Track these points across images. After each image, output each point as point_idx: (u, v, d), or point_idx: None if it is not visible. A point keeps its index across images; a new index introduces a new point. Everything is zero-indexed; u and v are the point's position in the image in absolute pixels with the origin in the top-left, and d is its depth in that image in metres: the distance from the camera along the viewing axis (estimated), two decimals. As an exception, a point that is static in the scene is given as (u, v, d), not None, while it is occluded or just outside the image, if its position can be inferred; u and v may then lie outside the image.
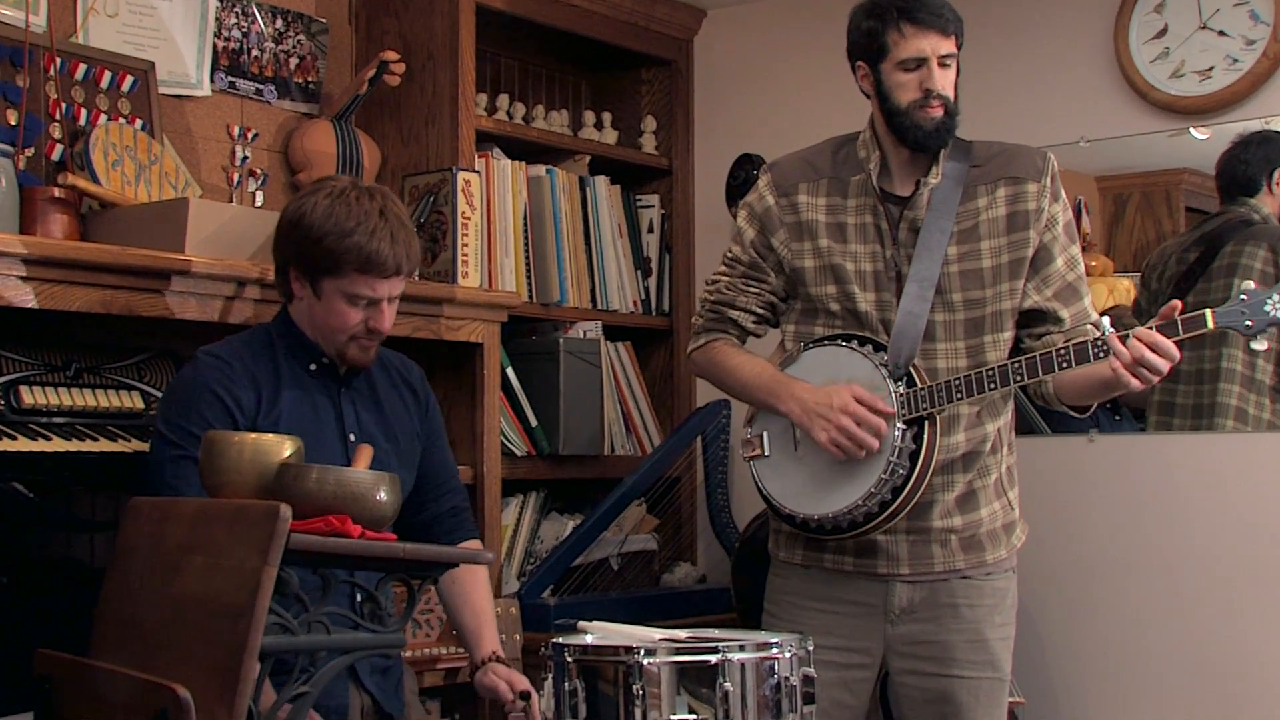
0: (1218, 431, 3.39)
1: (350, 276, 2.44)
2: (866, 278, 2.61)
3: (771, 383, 2.63)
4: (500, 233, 3.63)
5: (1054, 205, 2.62)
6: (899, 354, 2.54)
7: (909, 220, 2.60)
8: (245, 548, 1.95)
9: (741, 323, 2.73)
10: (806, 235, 2.66)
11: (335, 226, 2.42)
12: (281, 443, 2.19)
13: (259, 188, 3.31)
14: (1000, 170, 2.63)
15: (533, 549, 3.71)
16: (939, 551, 2.61)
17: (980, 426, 2.62)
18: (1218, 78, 3.41)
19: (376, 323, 2.49)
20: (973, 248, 2.60)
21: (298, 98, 3.45)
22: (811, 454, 2.58)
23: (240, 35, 3.32)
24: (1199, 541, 3.40)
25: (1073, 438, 3.57)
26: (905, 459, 2.50)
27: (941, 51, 2.55)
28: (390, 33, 3.55)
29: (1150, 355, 2.36)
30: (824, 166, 2.68)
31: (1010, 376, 2.47)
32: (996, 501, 2.66)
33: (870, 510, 2.51)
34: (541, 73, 4.12)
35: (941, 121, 2.56)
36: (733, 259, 2.74)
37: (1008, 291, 2.60)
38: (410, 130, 3.52)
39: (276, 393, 2.49)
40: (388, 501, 2.14)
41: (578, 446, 3.70)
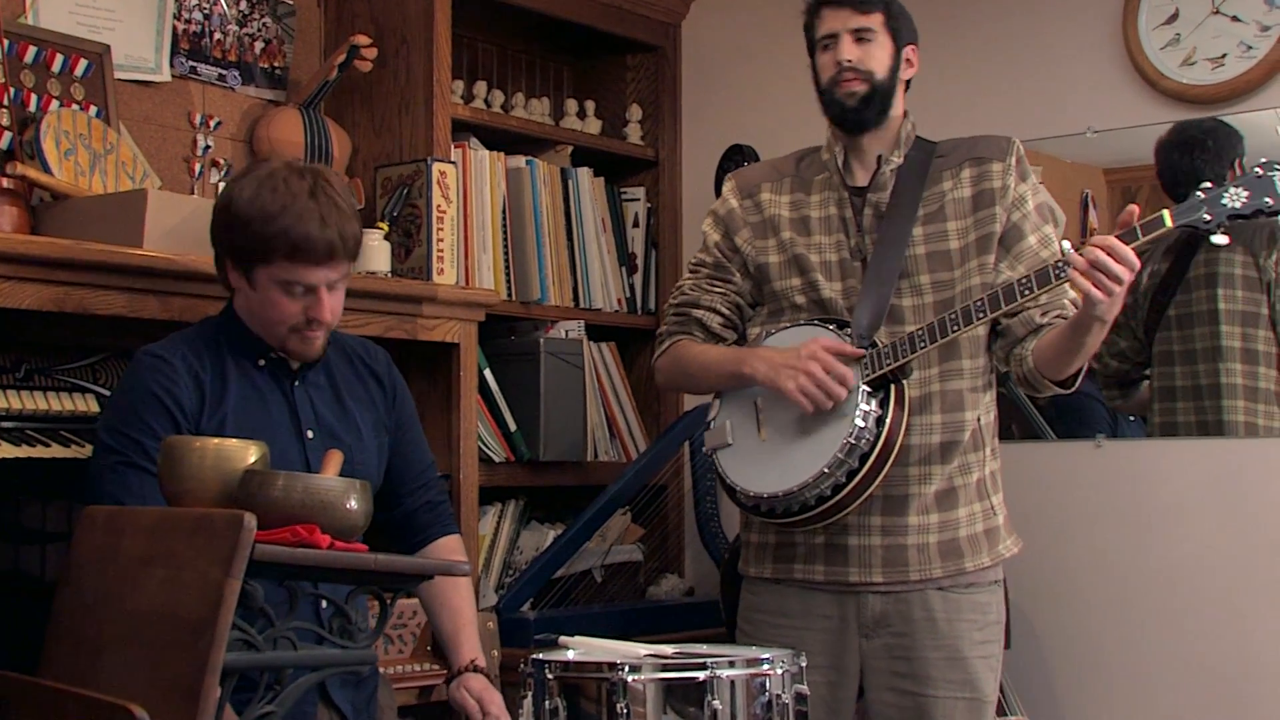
0: (1229, 436, 3.40)
1: (280, 264, 2.41)
2: (831, 267, 2.68)
3: (737, 352, 2.69)
4: (478, 227, 3.62)
5: (1021, 185, 2.68)
6: (861, 325, 2.59)
7: (873, 205, 2.68)
8: (207, 559, 1.94)
9: (707, 323, 2.78)
10: (770, 231, 2.74)
11: (260, 210, 2.39)
12: (246, 448, 2.18)
13: (222, 179, 3.30)
14: (965, 153, 2.71)
15: (512, 560, 3.70)
16: (915, 557, 2.63)
17: (959, 411, 2.65)
18: (1231, 65, 3.42)
19: (315, 312, 2.45)
20: (939, 228, 2.66)
21: (263, 84, 3.44)
22: (777, 433, 2.61)
23: (202, 17, 3.31)
24: (1212, 551, 3.41)
25: (1080, 444, 3.57)
26: (872, 424, 2.53)
27: (853, 25, 2.66)
28: (361, 15, 3.54)
29: (1105, 258, 2.38)
30: (787, 169, 2.80)
31: (973, 313, 2.51)
32: (978, 503, 2.68)
33: (838, 480, 2.53)
34: (521, 59, 4.11)
35: (863, 95, 2.65)
36: (697, 263, 2.83)
37: (976, 268, 2.64)
38: (383, 119, 3.51)
39: (222, 391, 2.47)
40: (358, 510, 2.13)
41: (559, 452, 3.69)
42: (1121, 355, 3.57)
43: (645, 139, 4.16)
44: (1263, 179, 2.36)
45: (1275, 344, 3.38)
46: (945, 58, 3.79)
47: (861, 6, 2.67)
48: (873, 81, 2.66)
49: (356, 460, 2.53)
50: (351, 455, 2.51)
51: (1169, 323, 3.49)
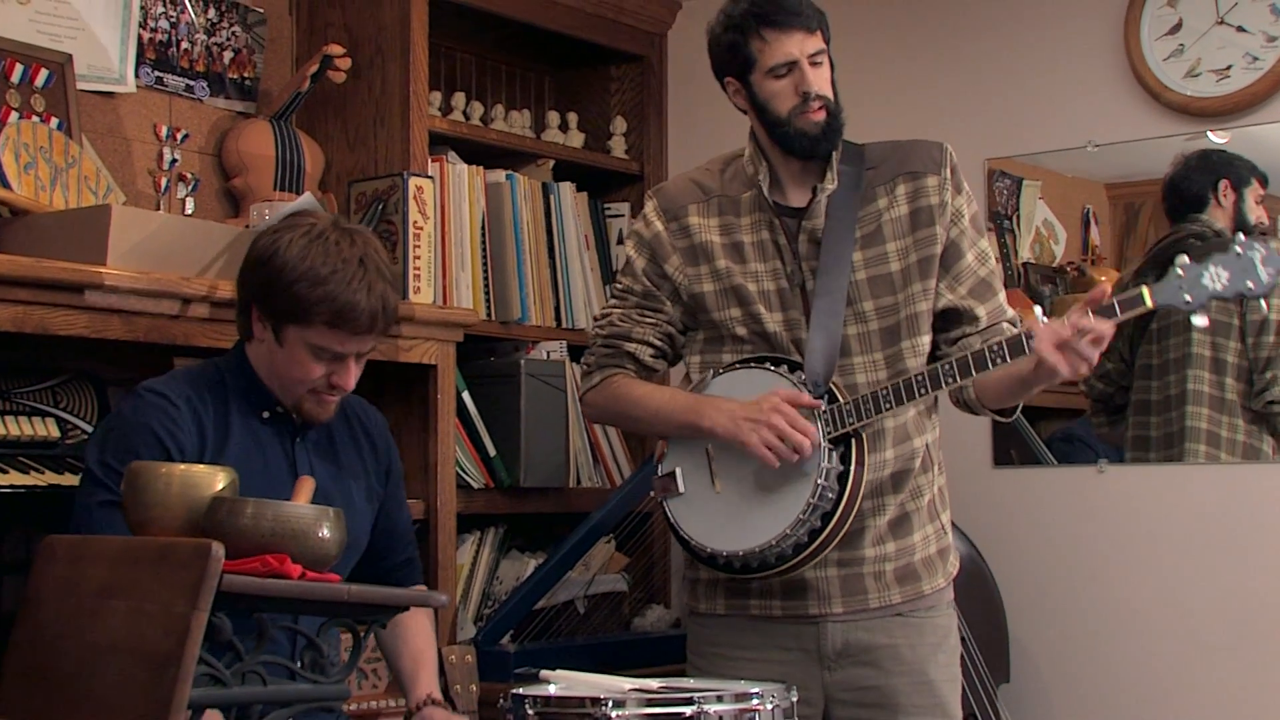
0: (1188, 462, 3.43)
1: (318, 329, 2.42)
2: (770, 297, 2.66)
3: (690, 401, 2.65)
4: (456, 244, 3.62)
5: (957, 198, 2.67)
6: (816, 371, 2.57)
7: (808, 231, 2.65)
8: (172, 591, 1.93)
9: (639, 356, 2.75)
10: (702, 258, 2.70)
11: (309, 271, 2.39)
12: (214, 474, 2.17)
13: (189, 194, 3.29)
14: (897, 167, 2.68)
15: (491, 590, 3.69)
16: (873, 585, 2.63)
17: (908, 441, 2.65)
18: (1236, 77, 3.43)
19: (340, 379, 2.48)
20: (878, 252, 2.64)
21: (232, 95, 3.43)
22: (731, 486, 2.60)
23: (168, 26, 3.31)
24: (1219, 579, 3.41)
25: (1081, 469, 3.58)
26: (834, 481, 2.52)
27: (810, 50, 2.60)
28: (335, 24, 3.54)
29: (1078, 342, 2.37)
30: (712, 186, 2.74)
31: (941, 379, 2.50)
32: (930, 525, 2.69)
33: (800, 540, 2.53)
34: (501, 69, 4.12)
35: (826, 124, 2.60)
36: (624, 290, 2.77)
37: (920, 293, 2.64)
38: (357, 132, 3.50)
39: (224, 439, 2.47)
40: (331, 539, 2.13)
41: (540, 478, 3.68)
42: (1107, 378, 3.60)
43: (630, 152, 4.16)
44: (1242, 259, 2.34)
45: (1243, 355, 3.42)
46: (941, 68, 3.80)
47: (810, 26, 2.59)
48: (830, 107, 2.61)
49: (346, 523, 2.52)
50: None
51: (1151, 336, 3.52)
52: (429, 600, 2.41)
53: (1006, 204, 3.74)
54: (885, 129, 3.73)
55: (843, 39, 2.70)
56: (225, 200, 3.38)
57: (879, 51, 3.86)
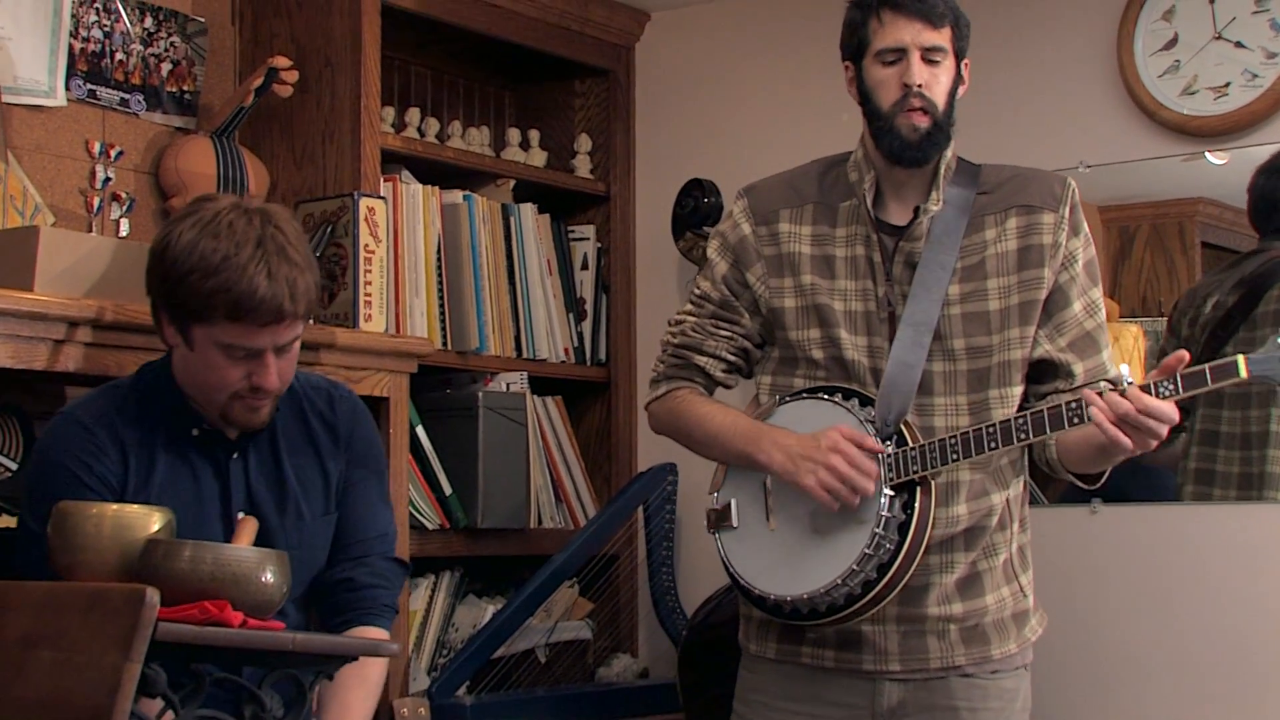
0: (1268, 489, 3.38)
1: (220, 324, 2.33)
2: (856, 319, 2.61)
3: (749, 430, 2.61)
4: (409, 269, 3.61)
5: (1073, 240, 2.61)
6: (888, 409, 2.52)
7: (905, 253, 2.59)
8: (103, 640, 1.92)
9: (709, 370, 2.72)
10: (788, 270, 2.65)
11: (200, 262, 2.30)
12: (149, 515, 2.16)
13: (124, 214, 3.28)
14: (1012, 197, 2.62)
15: (446, 638, 3.67)
16: (935, 644, 2.60)
17: (985, 497, 2.60)
18: (1234, 95, 3.46)
19: (260, 379, 2.38)
20: (978, 287, 2.59)
21: (170, 110, 3.43)
22: (787, 525, 2.57)
23: (102, 35, 3.30)
24: (1223, 626, 3.41)
25: (1073, 509, 3.58)
26: (893, 531, 2.48)
27: (926, 43, 2.55)
28: (281, 35, 3.53)
29: (1140, 418, 2.34)
30: (809, 190, 2.68)
31: (1014, 434, 2.45)
32: (1005, 587, 2.64)
33: (852, 591, 2.50)
34: (458, 83, 4.12)
35: (926, 132, 2.55)
36: (701, 296, 2.73)
37: (1018, 339, 2.58)
38: (304, 149, 3.50)
39: (150, 465, 2.42)
40: (274, 584, 2.11)
41: (499, 518, 3.67)
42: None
43: (595, 172, 4.16)
44: None
45: None
46: (924, 85, 3.82)
47: (936, 19, 2.54)
48: (935, 115, 2.55)
49: (291, 543, 2.45)
50: (286, 539, 2.46)
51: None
52: (379, 649, 2.39)
53: (994, 228, 3.74)
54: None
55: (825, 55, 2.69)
56: (162, 221, 3.36)
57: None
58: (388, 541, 2.64)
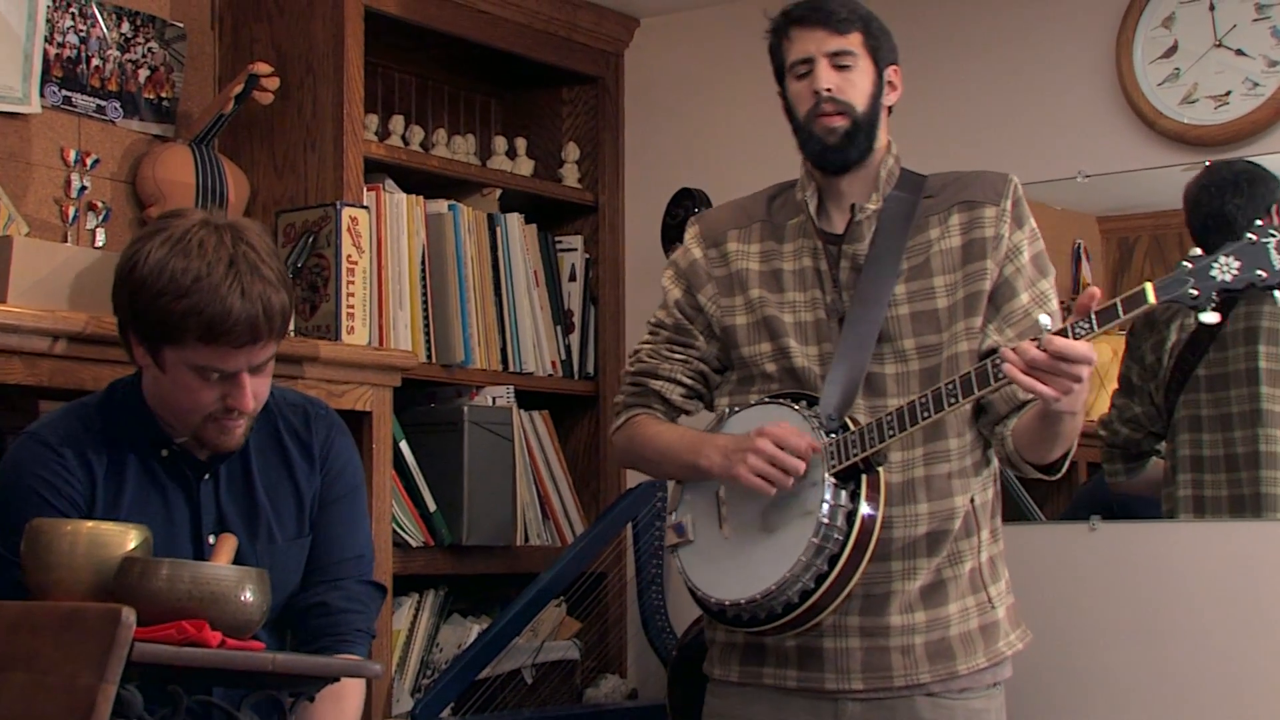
0: (1266, 511, 3.39)
1: (194, 347, 2.30)
2: (806, 329, 2.66)
3: (693, 439, 2.67)
4: (393, 280, 3.61)
5: (1017, 233, 2.66)
6: (830, 405, 2.57)
7: (850, 257, 2.65)
8: (77, 661, 1.91)
9: (667, 395, 2.76)
10: (738, 288, 2.72)
11: (170, 283, 2.27)
12: (125, 533, 2.16)
13: (100, 224, 3.27)
14: (954, 196, 2.68)
15: (430, 659, 3.67)
16: (899, 660, 2.60)
17: (947, 498, 2.62)
18: (1235, 104, 3.47)
19: (235, 400, 2.35)
20: (925, 285, 2.64)
21: (148, 117, 3.42)
22: (739, 530, 2.59)
23: (78, 40, 3.29)
24: (1224, 647, 3.41)
25: (1072, 526, 3.58)
26: (841, 519, 2.50)
27: (831, 49, 2.64)
28: (261, 40, 3.53)
29: (1044, 358, 2.34)
30: (757, 211, 2.77)
31: (944, 399, 2.46)
32: (970, 597, 2.65)
33: (805, 586, 2.50)
34: (444, 90, 4.12)
35: (844, 133, 2.63)
36: (656, 324, 2.81)
37: (964, 331, 2.63)
38: (285, 157, 3.50)
39: (119, 486, 2.40)
40: (254, 602, 2.11)
41: (485, 536, 3.67)
42: (1134, 422, 3.58)
43: (583, 181, 4.17)
44: (1256, 246, 2.31)
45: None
46: (920, 94, 3.82)
47: (838, 26, 2.63)
48: (854, 115, 2.63)
49: (263, 567, 2.39)
50: (257, 562, 2.43)
51: (1198, 384, 3.49)
52: (362, 670, 2.38)
53: (991, 238, 3.75)
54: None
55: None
56: (139, 231, 3.36)
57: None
58: (364, 564, 2.61)
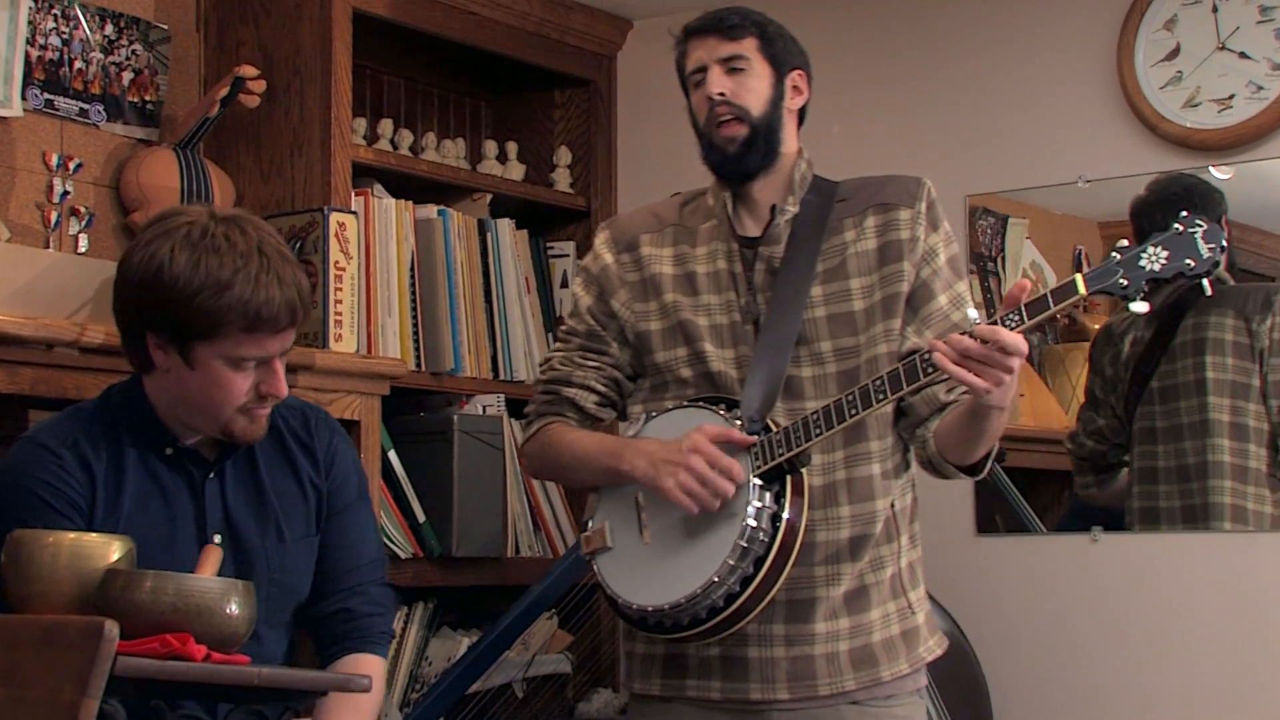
0: (1214, 520, 3.45)
1: (234, 339, 2.36)
2: (721, 332, 2.67)
3: (614, 444, 2.67)
4: (382, 286, 3.61)
5: (932, 235, 2.69)
6: (752, 407, 2.57)
7: (766, 259, 2.67)
8: (58, 675, 1.90)
9: (580, 403, 2.75)
10: (651, 293, 2.73)
11: (209, 279, 2.33)
12: (108, 544, 2.15)
13: (83, 229, 3.27)
14: (869, 199, 2.71)
15: (419, 672, 3.66)
16: (824, 668, 2.61)
17: (870, 501, 2.64)
18: (1239, 108, 3.48)
19: (271, 387, 2.42)
20: (841, 287, 2.66)
21: (132, 120, 3.42)
22: (660, 535, 2.59)
23: (60, 43, 3.29)
24: (1224, 659, 3.42)
25: (1073, 537, 3.59)
26: (766, 522, 2.50)
27: (722, 54, 2.67)
28: (247, 43, 3.53)
29: (977, 348, 2.37)
30: (670, 216, 2.79)
31: (872, 395, 2.48)
32: (892, 602, 2.67)
33: (731, 590, 2.50)
34: (433, 94, 4.12)
35: (743, 140, 2.65)
36: (568, 331, 2.80)
37: (882, 333, 2.65)
38: (272, 162, 3.49)
39: (119, 486, 2.42)
40: (240, 615, 2.10)
41: (475, 547, 3.66)
42: (1099, 434, 3.61)
43: (575, 186, 4.16)
44: (1183, 236, 2.36)
45: (1266, 419, 3.44)
46: (917, 96, 3.83)
47: (729, 32, 2.66)
48: (749, 120, 2.65)
49: (273, 565, 2.47)
50: (267, 560, 2.47)
51: (1152, 396, 3.54)
52: (349, 684, 2.37)
53: (990, 244, 3.76)
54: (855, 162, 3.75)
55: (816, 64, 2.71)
56: (123, 237, 3.36)
57: (848, 78, 3.88)
58: (379, 567, 2.66)
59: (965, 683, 3.54)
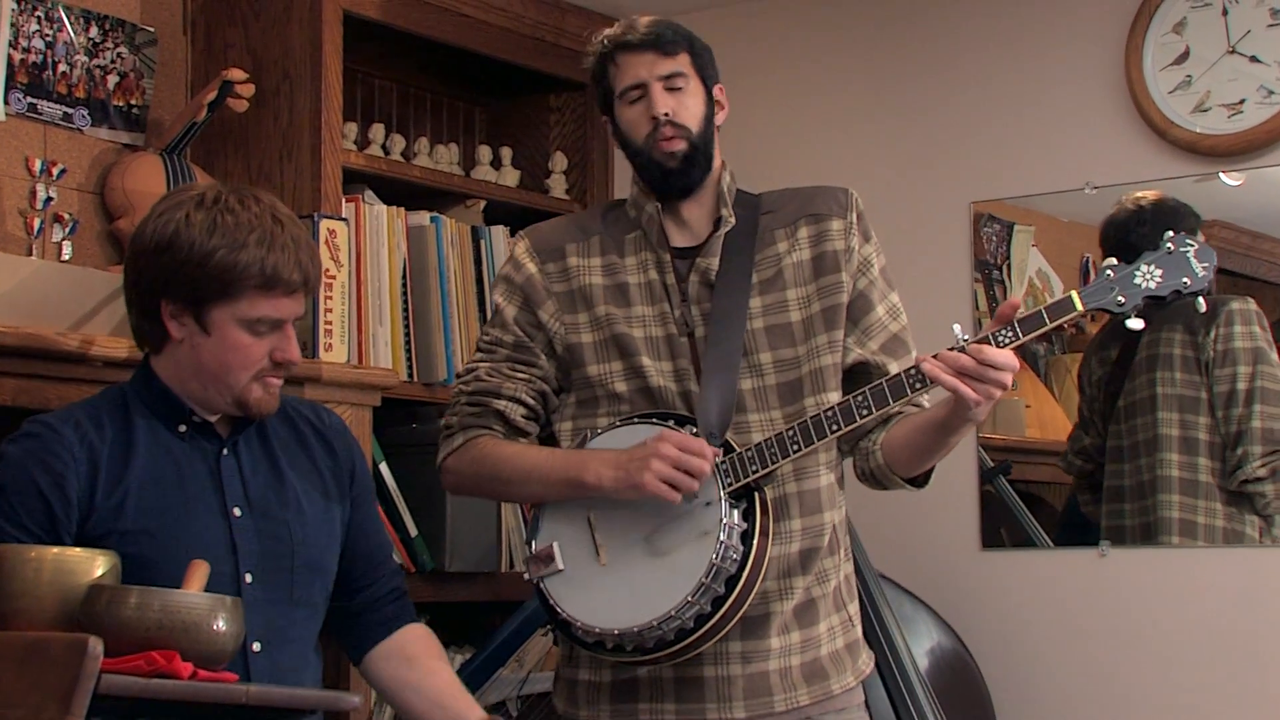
0: (1162, 534, 3.50)
1: (250, 298, 2.43)
2: (657, 344, 2.68)
3: (571, 456, 2.65)
4: (373, 295, 3.60)
5: (865, 246, 2.74)
6: (710, 424, 2.58)
7: (701, 271, 2.69)
8: (41, 694, 1.90)
9: (509, 415, 2.73)
10: (581, 304, 2.73)
11: (225, 238, 2.41)
12: (92, 559, 2.15)
13: (67, 237, 3.26)
14: (798, 210, 2.75)
15: (410, 692, 3.65)
16: (779, 684, 2.62)
17: (819, 514, 2.67)
18: (1250, 113, 3.48)
19: (285, 352, 2.48)
20: (778, 298, 2.69)
21: (118, 125, 3.42)
22: (620, 556, 2.58)
23: (43, 45, 3.29)
24: (1236, 675, 3.41)
25: (1081, 551, 3.59)
26: (737, 540, 2.52)
27: (662, 71, 2.70)
28: (236, 45, 3.53)
29: (976, 366, 2.42)
30: (594, 226, 2.81)
31: (855, 411, 2.52)
32: (835, 615, 2.71)
33: (702, 610, 2.51)
34: (426, 98, 4.12)
35: (684, 156, 2.68)
36: (492, 342, 2.77)
37: (825, 345, 2.68)
38: (261, 168, 3.49)
39: (124, 463, 2.43)
40: (228, 631, 2.10)
41: (468, 562, 3.66)
42: (1085, 453, 3.65)
43: (571, 192, 4.16)
44: (1175, 255, 2.45)
45: (1217, 432, 3.46)
46: (919, 100, 3.83)
47: (666, 48, 2.70)
48: (690, 138, 2.69)
49: (296, 538, 2.51)
50: (290, 533, 2.51)
51: (1119, 414, 3.58)
52: (339, 702, 2.38)
53: (995, 252, 3.76)
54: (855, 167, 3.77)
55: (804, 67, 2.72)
56: (108, 244, 3.35)
57: (848, 81, 3.88)
58: (394, 557, 2.78)
59: (969, 700, 3.53)
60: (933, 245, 3.76)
